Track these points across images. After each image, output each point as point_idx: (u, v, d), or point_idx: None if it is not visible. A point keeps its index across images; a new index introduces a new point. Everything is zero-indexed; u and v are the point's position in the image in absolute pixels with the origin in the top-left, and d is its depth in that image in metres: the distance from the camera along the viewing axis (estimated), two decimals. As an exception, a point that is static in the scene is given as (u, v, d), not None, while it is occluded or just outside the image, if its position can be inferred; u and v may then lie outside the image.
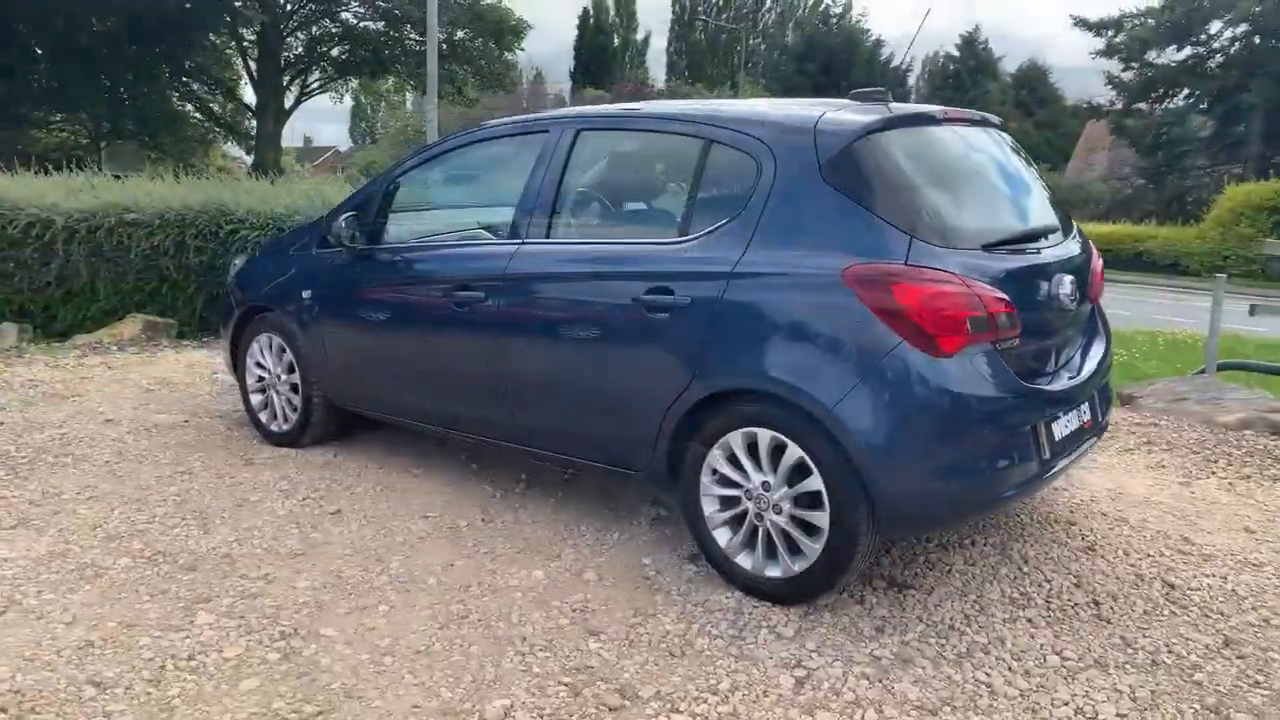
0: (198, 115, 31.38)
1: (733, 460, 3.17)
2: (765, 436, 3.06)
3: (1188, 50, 34.16)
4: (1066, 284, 3.27)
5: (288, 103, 31.55)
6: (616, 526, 3.81)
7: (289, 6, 28.93)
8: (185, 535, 3.69)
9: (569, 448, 3.69)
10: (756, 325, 3.05)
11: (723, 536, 3.24)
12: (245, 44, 29.30)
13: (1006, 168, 3.56)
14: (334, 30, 30.26)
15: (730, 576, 3.24)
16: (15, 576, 3.31)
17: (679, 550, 3.60)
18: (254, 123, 32.27)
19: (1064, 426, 3.25)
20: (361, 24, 29.94)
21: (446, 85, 33.58)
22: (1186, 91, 35.34)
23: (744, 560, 3.19)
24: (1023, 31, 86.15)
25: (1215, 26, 33.71)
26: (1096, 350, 3.59)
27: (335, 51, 31.06)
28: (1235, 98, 33.10)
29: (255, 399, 4.86)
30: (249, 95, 31.77)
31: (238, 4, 26.02)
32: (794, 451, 3.00)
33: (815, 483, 2.97)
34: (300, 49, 30.82)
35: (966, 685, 2.72)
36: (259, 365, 4.80)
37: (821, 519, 2.98)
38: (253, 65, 29.99)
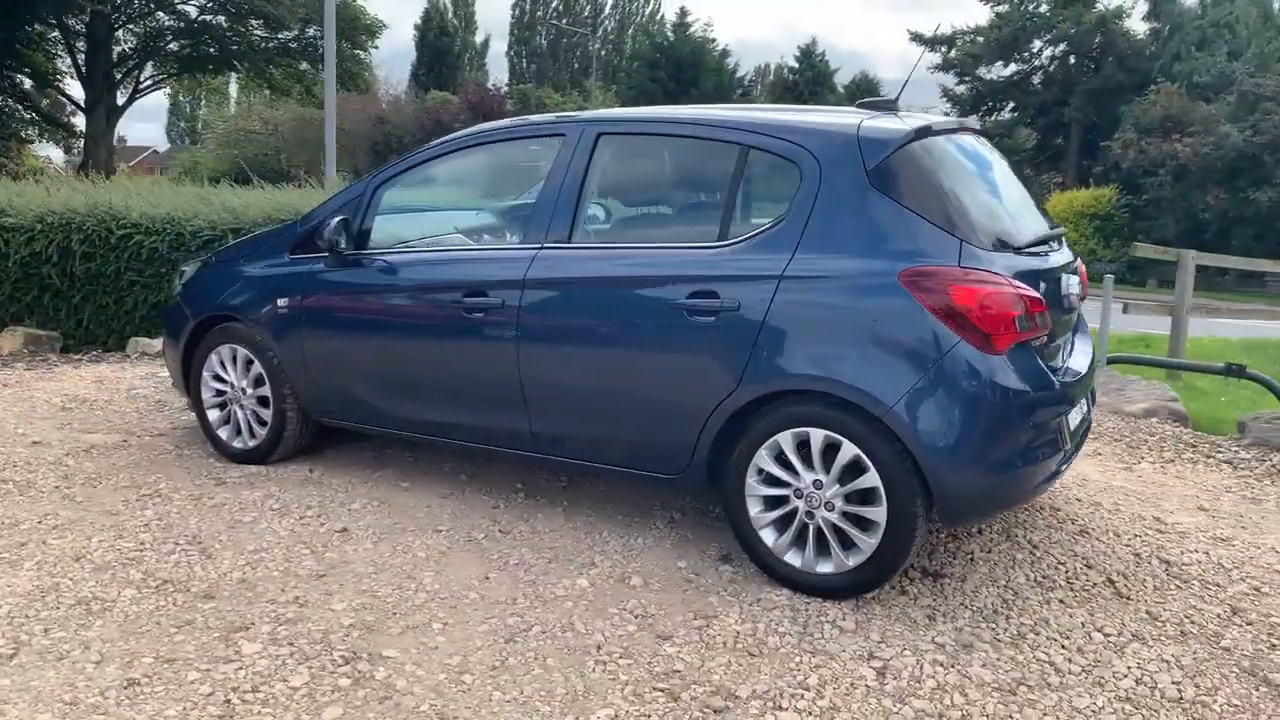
0: (20, 109, 28.97)
1: (781, 460, 3.23)
2: (818, 436, 3.14)
3: (1014, 67, 36.67)
4: (1074, 285, 3.50)
5: (120, 99, 29.55)
6: (636, 531, 3.80)
7: (120, -2, 27.11)
8: (186, 561, 3.44)
9: (597, 454, 3.65)
10: (810, 327, 3.13)
11: (769, 536, 3.29)
12: (73, 34, 27.22)
13: (1007, 175, 3.77)
14: (172, 24, 28.55)
15: (778, 575, 3.29)
16: (10, 615, 3.02)
17: (707, 551, 3.63)
18: (79, 119, 30.06)
19: (1073, 421, 3.47)
20: (202, 18, 28.37)
21: (295, 84, 32.35)
22: (1013, 105, 37.96)
23: (793, 558, 3.25)
24: (865, 44, 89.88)
25: (1037, 45, 36.36)
26: (1085, 350, 3.85)
27: (174, 46, 29.31)
28: (1056, 112, 35.81)
29: (213, 414, 4.57)
30: (76, 90, 29.56)
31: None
32: (849, 450, 3.09)
33: (871, 479, 3.06)
34: (134, 42, 28.91)
35: (1032, 665, 2.87)
36: (217, 379, 4.52)
37: (878, 514, 3.07)
38: (81, 58, 27.90)
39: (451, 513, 3.96)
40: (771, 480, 3.26)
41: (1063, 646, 2.98)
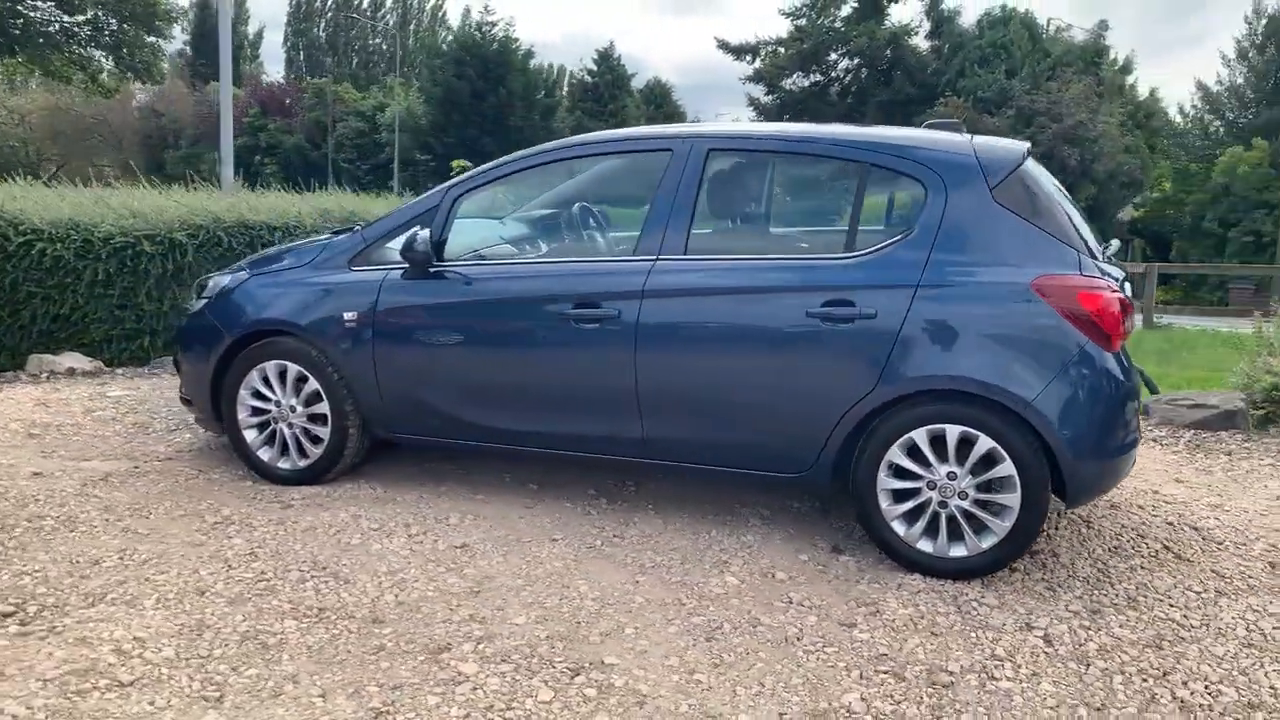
0: None
1: (913, 455, 3.50)
2: (954, 431, 3.43)
3: (815, 78, 38.89)
4: (1126, 289, 3.98)
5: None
6: (739, 529, 3.96)
7: None
8: (325, 588, 3.31)
9: (714, 457, 3.79)
10: (948, 331, 3.42)
11: (900, 527, 3.55)
12: None
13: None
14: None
15: (908, 561, 3.56)
16: (177, 657, 2.83)
17: (816, 544, 3.85)
18: None
19: None
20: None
21: (79, 72, 29.74)
22: (812, 116, 40.19)
23: (925, 545, 3.53)
24: (637, 46, 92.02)
25: (833, 58, 38.74)
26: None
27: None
28: (853, 121, 38.28)
29: (250, 435, 4.33)
30: None
31: None
32: (984, 443, 3.40)
33: (1006, 469, 3.39)
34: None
35: (1158, 621, 3.29)
36: (257, 396, 4.29)
37: (1012, 500, 3.40)
38: None
39: (551, 521, 3.98)
40: (903, 474, 3.52)
41: (1171, 605, 3.42)
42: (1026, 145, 3.71)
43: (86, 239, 7.03)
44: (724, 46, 40.07)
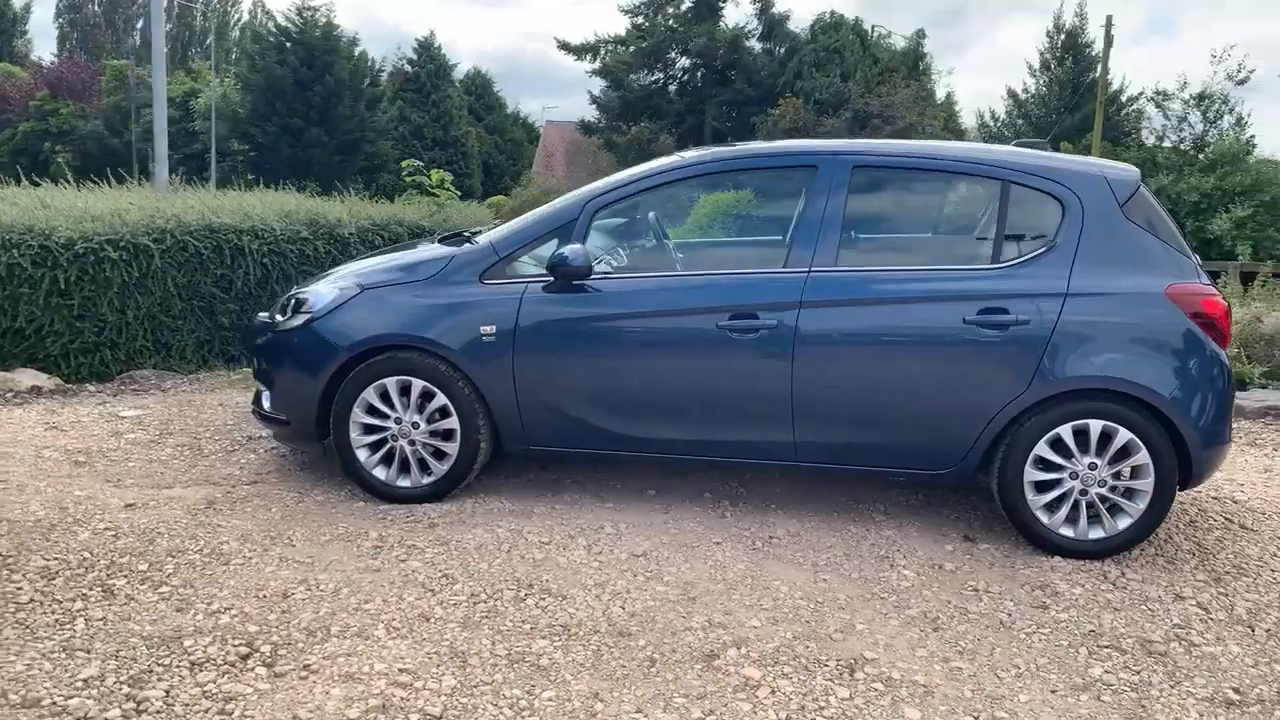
0: None
1: (1057, 448, 3.85)
2: (1097, 426, 3.80)
3: (656, 76, 39.55)
4: None
5: None
6: (871, 525, 4.19)
7: None
8: (549, 606, 3.31)
9: (862, 458, 4.02)
10: (1094, 334, 3.78)
11: (1043, 515, 3.89)
12: None
13: None
14: None
15: (1050, 546, 3.90)
16: (462, 685, 2.80)
17: (949, 536, 4.12)
18: None
19: None
20: None
21: None
22: (653, 113, 40.87)
23: (1066, 530, 3.89)
24: (488, 43, 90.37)
25: (672, 57, 39.52)
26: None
27: None
28: (692, 120, 39.23)
29: (363, 455, 4.20)
30: None
31: None
32: (1123, 435, 3.79)
33: (1142, 458, 3.79)
34: None
35: (1260, 588, 3.76)
36: (371, 413, 4.16)
37: (1146, 485, 3.81)
38: None
39: (698, 525, 4.08)
40: (1047, 466, 3.86)
41: (1258, 577, 3.91)
42: (1138, 170, 4.12)
43: (43, 245, 6.45)
44: (565, 47, 40.12)
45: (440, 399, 4.11)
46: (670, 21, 39.42)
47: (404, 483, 4.21)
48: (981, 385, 3.84)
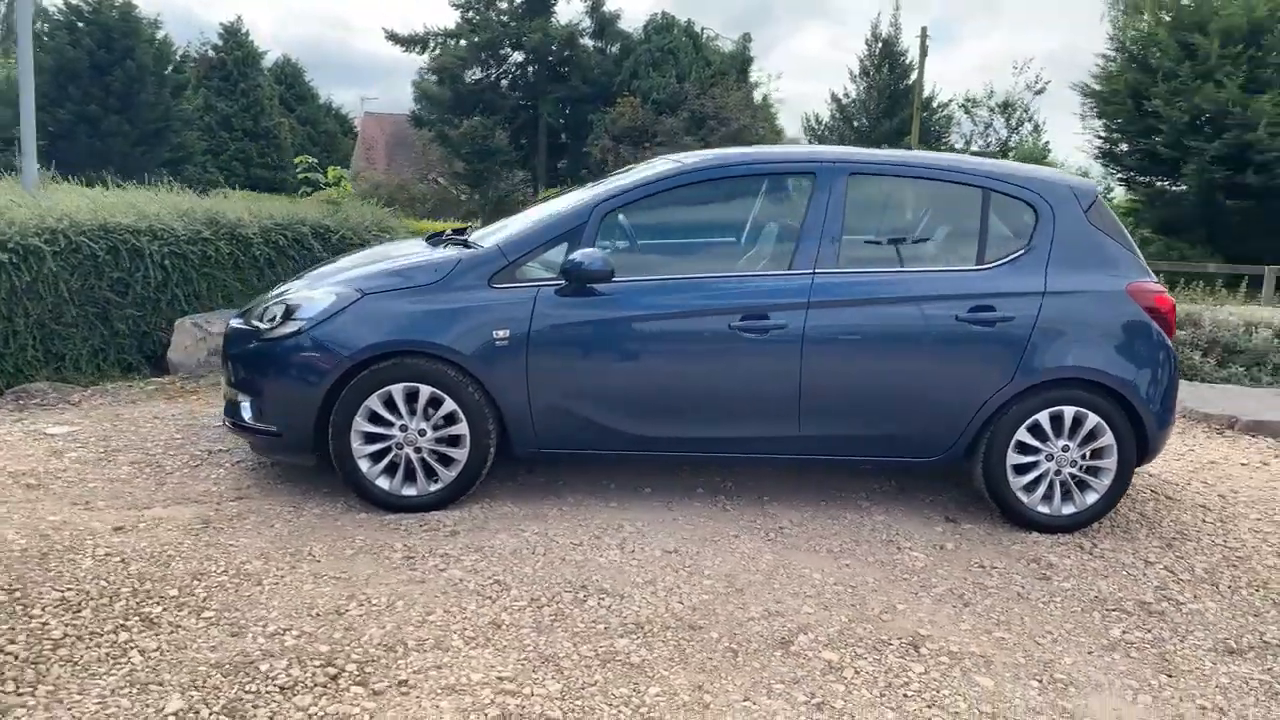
0: None
1: (1034, 432, 4.22)
2: (1070, 411, 4.20)
3: (490, 72, 39.11)
4: None
5: None
6: (862, 511, 4.44)
7: None
8: (610, 606, 3.36)
9: (866, 449, 4.26)
10: (1068, 329, 4.16)
11: (1024, 495, 4.26)
12: None
13: None
14: None
15: (1029, 522, 4.27)
16: (565, 691, 2.84)
17: (933, 519, 4.43)
18: None
19: None
20: None
21: None
22: (484, 108, 40.39)
23: (1043, 508, 4.27)
24: (327, 37, 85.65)
25: (506, 53, 39.20)
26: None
27: None
28: (526, 116, 39.07)
29: (365, 464, 4.09)
30: None
31: None
32: (1092, 419, 4.20)
33: (1108, 439, 4.22)
34: None
35: (1204, 550, 4.27)
36: (374, 420, 4.06)
37: (1110, 464, 4.24)
38: None
39: (708, 520, 4.21)
40: (1026, 449, 4.23)
41: (1211, 535, 4.43)
42: (1094, 182, 4.56)
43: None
44: (393, 38, 39.04)
45: (449, 405, 4.06)
46: (503, 16, 39.09)
47: (409, 491, 4.12)
48: (972, 377, 4.16)
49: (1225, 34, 20.75)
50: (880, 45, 36.38)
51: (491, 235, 4.45)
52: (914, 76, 34.79)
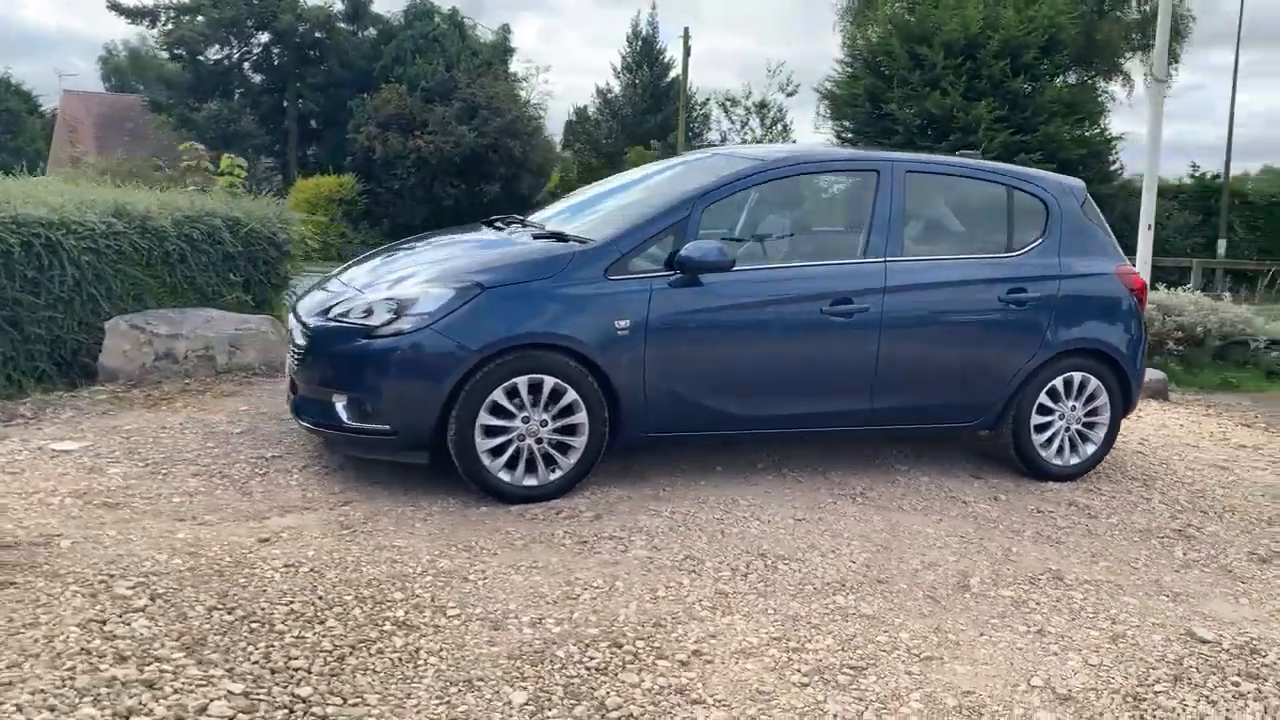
0: None
1: (1052, 396, 4.95)
2: (1078, 376, 4.97)
3: (233, 52, 36.49)
4: None
5: None
6: (911, 473, 4.97)
7: None
8: (804, 569, 3.66)
9: (927, 418, 4.81)
10: (1079, 306, 4.93)
11: (1044, 451, 4.98)
12: None
13: None
14: None
15: (1046, 474, 5.00)
16: (869, 630, 3.15)
17: (961, 474, 5.05)
18: None
19: None
20: None
21: None
22: (227, 90, 37.64)
23: (1057, 460, 5.03)
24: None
25: (252, 33, 36.73)
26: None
27: None
28: (275, 99, 36.88)
29: (487, 459, 4.11)
30: None
31: None
32: (1093, 382, 4.99)
33: (1103, 398, 5.03)
34: None
35: (1179, 485, 5.20)
36: (498, 413, 4.09)
37: (1105, 418, 5.06)
38: None
39: (797, 491, 4.57)
40: (1045, 411, 4.95)
41: (1175, 474, 5.36)
42: (1083, 182, 5.35)
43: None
44: (116, 8, 35.49)
45: (570, 395, 4.15)
46: (244, -9, 36.59)
47: (530, 481, 4.17)
48: (1011, 349, 4.81)
49: (947, 47, 23.61)
50: (640, 43, 37.61)
51: (555, 221, 4.73)
52: (673, 74, 36.34)
